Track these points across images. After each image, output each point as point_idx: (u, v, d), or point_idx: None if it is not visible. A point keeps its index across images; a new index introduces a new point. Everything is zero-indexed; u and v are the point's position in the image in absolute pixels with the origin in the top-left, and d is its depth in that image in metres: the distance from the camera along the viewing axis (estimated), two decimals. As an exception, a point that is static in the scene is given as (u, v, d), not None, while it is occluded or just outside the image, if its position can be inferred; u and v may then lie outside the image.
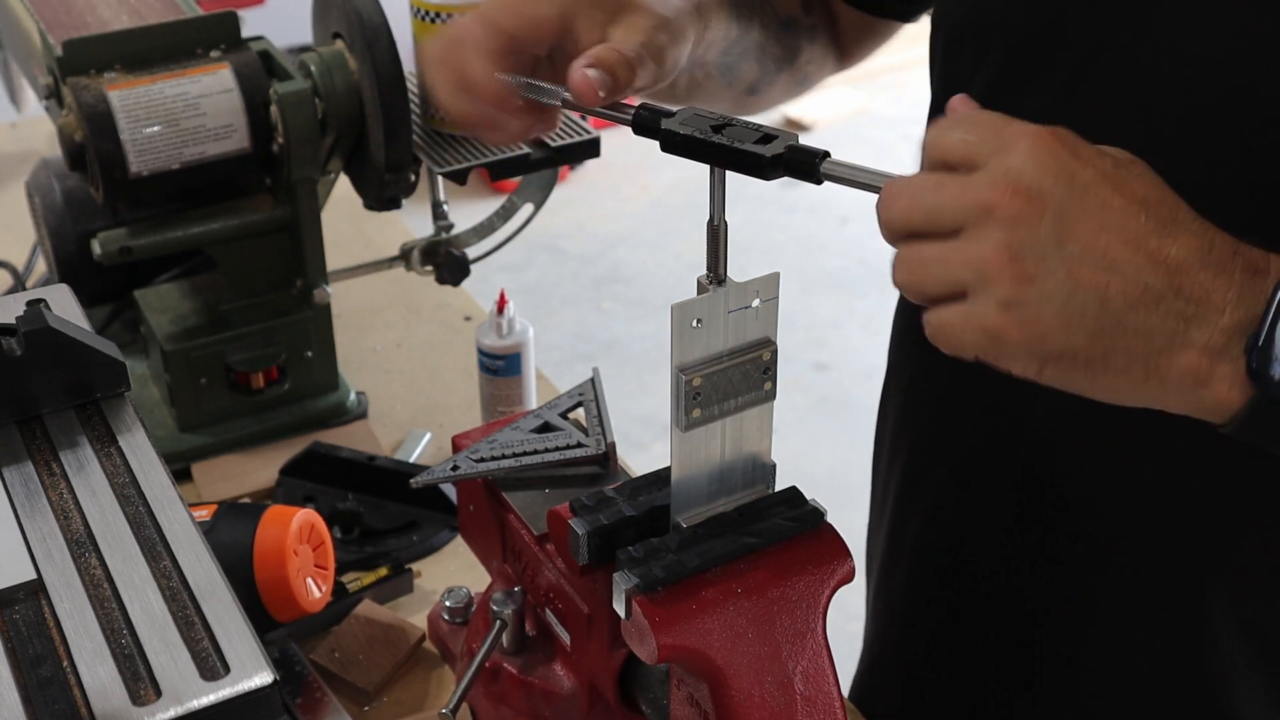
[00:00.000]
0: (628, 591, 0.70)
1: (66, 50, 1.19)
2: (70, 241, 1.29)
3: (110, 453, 0.77)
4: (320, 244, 1.31)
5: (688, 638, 0.69)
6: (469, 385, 1.44)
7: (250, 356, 1.32)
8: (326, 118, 1.24)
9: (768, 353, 0.72)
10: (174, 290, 1.36)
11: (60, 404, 0.80)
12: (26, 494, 0.74)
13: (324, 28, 1.30)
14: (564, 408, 0.91)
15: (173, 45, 1.23)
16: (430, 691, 1.09)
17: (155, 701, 0.61)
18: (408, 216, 1.61)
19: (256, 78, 1.22)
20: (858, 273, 3.62)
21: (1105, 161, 0.61)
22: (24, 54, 1.41)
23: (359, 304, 1.57)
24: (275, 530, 1.01)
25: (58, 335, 0.78)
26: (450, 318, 1.56)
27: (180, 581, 0.68)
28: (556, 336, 3.40)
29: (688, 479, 0.74)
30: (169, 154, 1.19)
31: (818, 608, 0.73)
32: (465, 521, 0.93)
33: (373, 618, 1.12)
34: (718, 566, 0.72)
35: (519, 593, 0.85)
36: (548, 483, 0.86)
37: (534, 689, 0.85)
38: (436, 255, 1.36)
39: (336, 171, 1.33)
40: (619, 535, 0.75)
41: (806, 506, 0.75)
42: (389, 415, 1.40)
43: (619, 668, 0.81)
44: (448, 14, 1.24)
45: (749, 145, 0.69)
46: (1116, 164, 0.61)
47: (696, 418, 0.71)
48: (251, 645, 0.64)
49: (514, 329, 1.35)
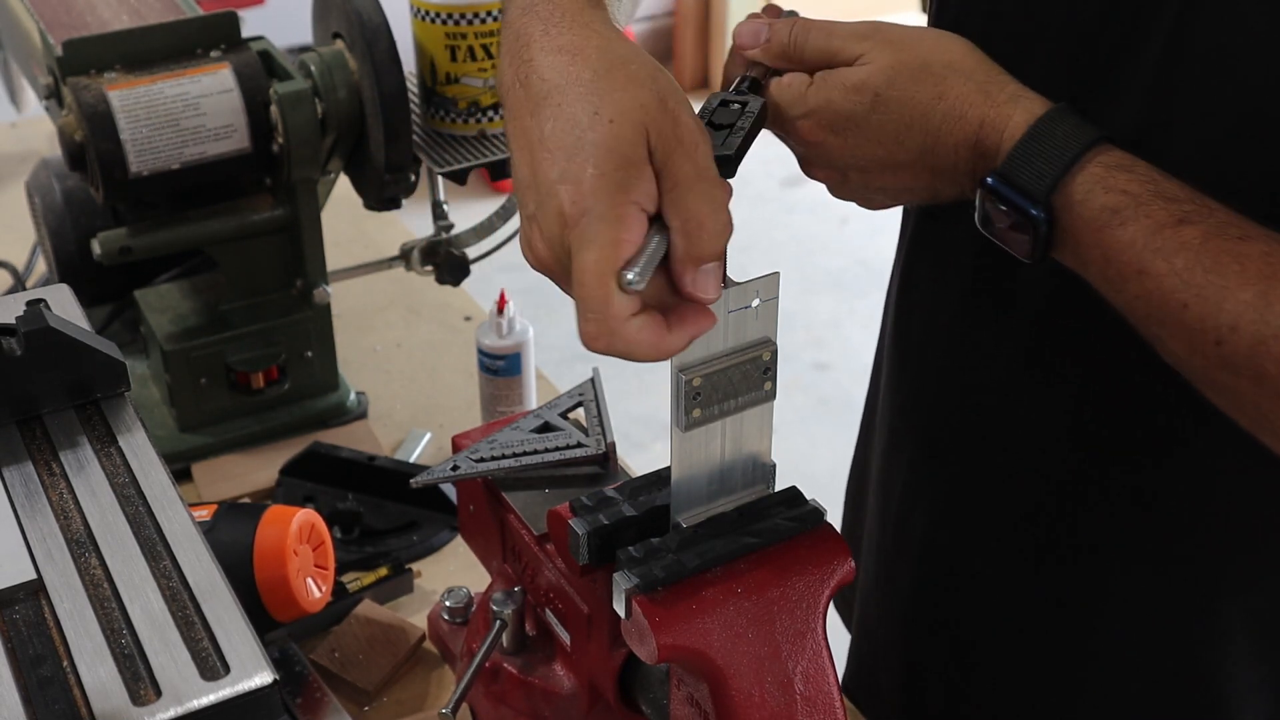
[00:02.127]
0: (628, 591, 0.70)
1: (66, 50, 1.19)
2: (70, 241, 1.29)
3: (110, 453, 0.77)
4: (320, 244, 1.31)
5: (688, 638, 0.69)
6: (469, 385, 1.44)
7: (250, 356, 1.32)
8: (326, 118, 1.24)
9: (768, 353, 0.72)
10: (174, 290, 1.36)
11: (60, 404, 0.80)
12: (26, 494, 0.74)
13: (324, 28, 1.30)
14: (564, 408, 0.91)
15: (173, 45, 1.23)
16: (430, 691, 1.09)
17: (155, 701, 0.61)
18: (408, 216, 1.61)
19: (256, 78, 1.22)
20: (858, 273, 3.62)
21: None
22: (24, 54, 1.41)
23: (359, 304, 1.57)
24: (275, 530, 1.01)
25: (58, 335, 0.78)
26: (450, 318, 1.56)
27: (180, 581, 0.68)
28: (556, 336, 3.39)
29: (688, 479, 0.74)
30: (169, 154, 1.19)
31: (818, 608, 0.73)
32: (465, 521, 0.93)
33: (373, 618, 1.12)
34: (718, 566, 0.72)
35: (519, 593, 0.85)
36: (548, 483, 0.86)
37: (534, 689, 0.85)
38: (436, 255, 1.36)
39: (336, 171, 1.33)
40: (619, 535, 0.75)
41: (806, 506, 0.75)
42: (389, 415, 1.40)
43: (619, 668, 0.81)
44: (447, 14, 1.24)
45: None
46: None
47: (696, 418, 0.71)
48: (251, 645, 0.64)
49: (514, 329, 1.35)
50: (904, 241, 1.02)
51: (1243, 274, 0.67)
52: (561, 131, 0.65)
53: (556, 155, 0.64)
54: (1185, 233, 0.69)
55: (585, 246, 0.63)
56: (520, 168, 0.67)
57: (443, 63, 1.26)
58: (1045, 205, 0.73)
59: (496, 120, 1.29)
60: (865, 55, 0.78)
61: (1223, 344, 0.67)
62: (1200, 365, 0.70)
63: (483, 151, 1.27)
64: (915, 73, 0.77)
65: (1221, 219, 0.69)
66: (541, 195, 0.65)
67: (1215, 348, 0.68)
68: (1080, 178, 0.72)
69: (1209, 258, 0.68)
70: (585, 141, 0.64)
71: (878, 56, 0.78)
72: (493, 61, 1.27)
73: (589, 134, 0.64)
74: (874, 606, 1.12)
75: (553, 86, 0.67)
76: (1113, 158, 0.73)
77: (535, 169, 0.65)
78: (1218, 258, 0.68)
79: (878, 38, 0.79)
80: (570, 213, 0.63)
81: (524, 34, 0.70)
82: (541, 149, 0.65)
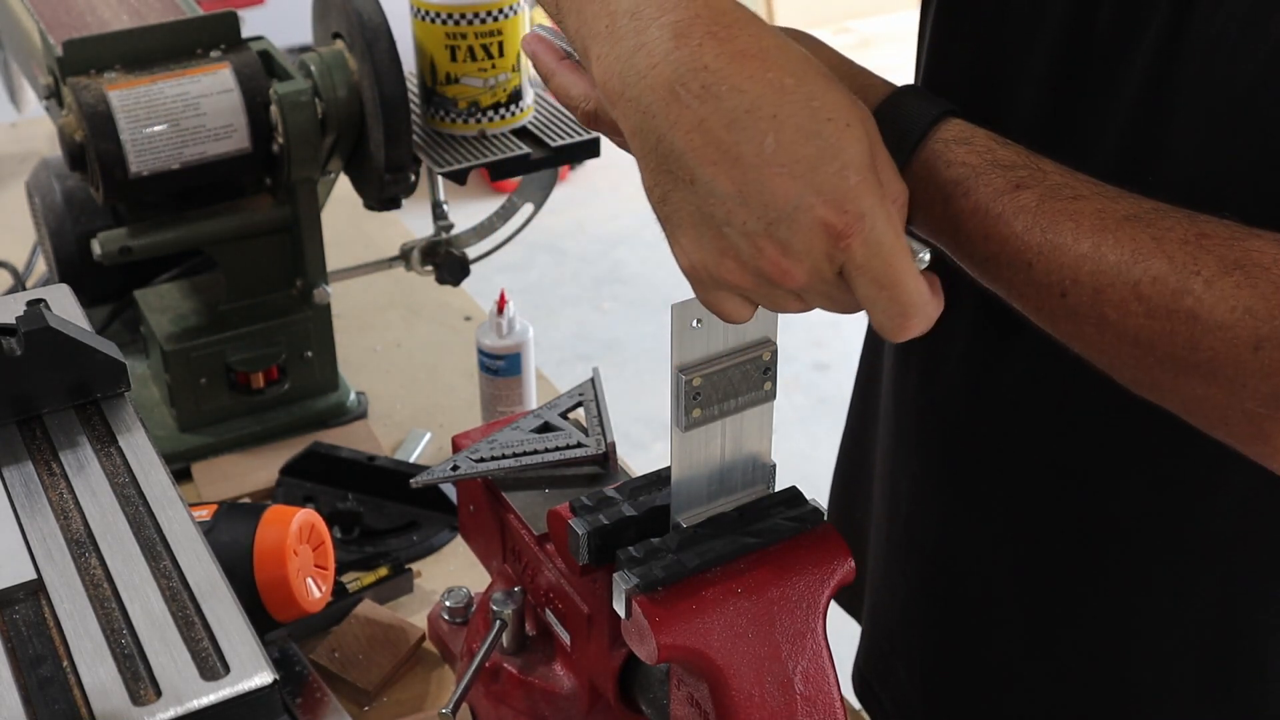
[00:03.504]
0: (628, 591, 0.70)
1: (67, 50, 1.19)
2: (70, 241, 1.29)
3: (110, 453, 0.77)
4: (320, 244, 1.31)
5: (688, 638, 0.69)
6: (469, 385, 1.44)
7: (250, 356, 1.32)
8: (326, 118, 1.24)
9: (768, 353, 0.72)
10: (174, 290, 1.36)
11: (60, 404, 0.80)
12: (26, 494, 0.74)
13: (324, 28, 1.30)
14: (564, 408, 0.91)
15: (173, 45, 1.23)
16: (430, 691, 1.09)
17: (155, 701, 0.61)
18: (408, 216, 1.61)
19: (256, 78, 1.22)
20: (858, 273, 3.62)
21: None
22: (24, 54, 1.41)
23: (359, 304, 1.57)
24: (275, 530, 1.01)
25: (58, 335, 0.78)
26: (450, 318, 1.56)
27: (180, 581, 0.68)
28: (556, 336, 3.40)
29: (688, 479, 0.74)
30: (169, 154, 1.19)
31: (818, 608, 0.73)
32: (465, 521, 0.93)
33: (373, 618, 1.12)
34: (718, 566, 0.72)
35: (519, 593, 0.85)
36: (548, 483, 0.86)
37: (534, 689, 0.85)
38: (436, 255, 1.36)
39: (336, 171, 1.33)
40: (619, 535, 0.75)
41: (806, 506, 0.75)
42: (389, 415, 1.40)
43: (619, 668, 0.81)
44: (447, 14, 1.24)
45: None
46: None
47: (696, 418, 0.71)
48: (251, 645, 0.64)
49: (514, 329, 1.35)
50: None
51: (1077, 230, 0.70)
52: (794, 144, 0.63)
53: (796, 169, 0.63)
54: (1022, 197, 0.72)
55: (881, 250, 0.64)
56: (718, 182, 0.64)
57: (443, 63, 1.26)
58: None
59: (496, 120, 1.29)
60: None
61: (1066, 295, 0.71)
62: (1049, 316, 0.73)
63: (483, 151, 1.27)
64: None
65: (1055, 180, 0.72)
66: (782, 213, 0.64)
67: (1060, 300, 0.71)
68: (923, 155, 0.75)
69: (1045, 218, 0.71)
70: (829, 150, 0.63)
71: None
72: (493, 61, 1.27)
73: (831, 142, 0.63)
74: (885, 595, 1.12)
75: (756, 98, 0.64)
76: (951, 131, 0.75)
77: (760, 186, 0.64)
78: (1054, 218, 0.71)
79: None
80: (841, 223, 0.63)
81: (684, 27, 0.66)
82: (769, 166, 0.64)
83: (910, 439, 1.04)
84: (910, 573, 1.07)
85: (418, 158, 1.27)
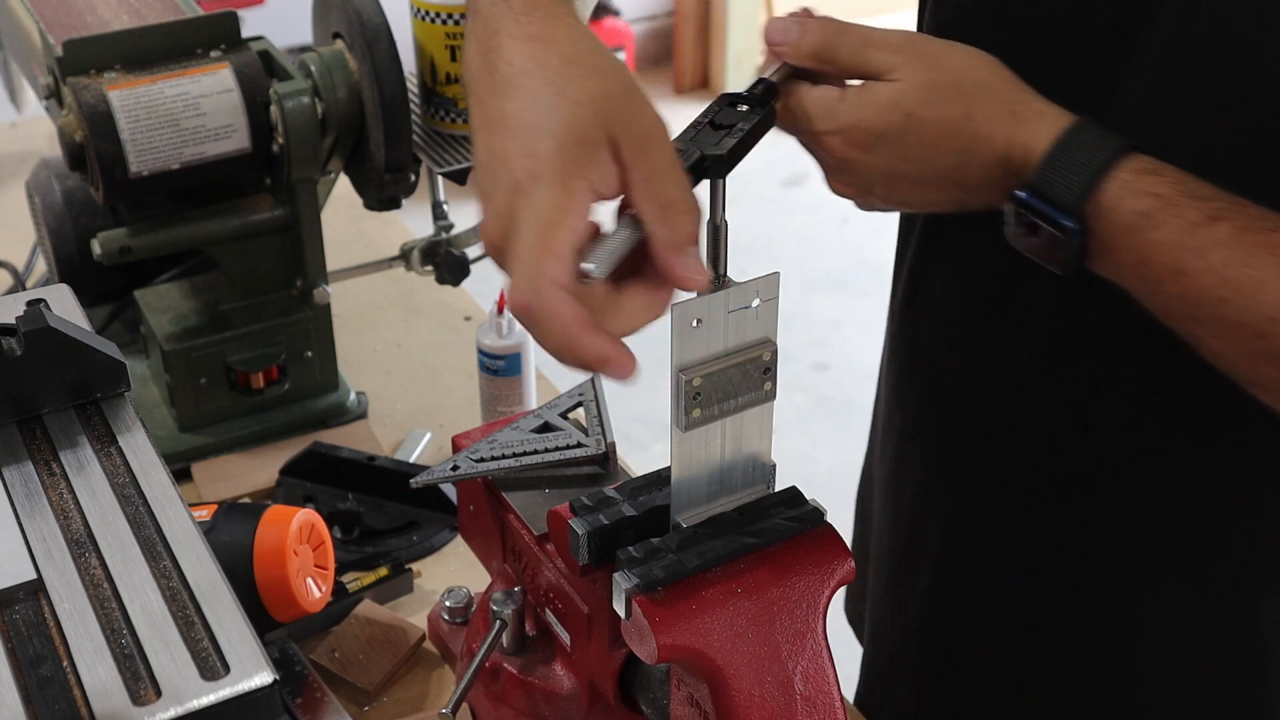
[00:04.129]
0: (628, 591, 0.70)
1: (66, 50, 1.19)
2: (70, 241, 1.29)
3: (110, 453, 0.77)
4: (320, 244, 1.31)
5: (688, 638, 0.69)
6: (469, 385, 1.44)
7: (250, 356, 1.32)
8: (326, 118, 1.24)
9: (768, 353, 0.72)
10: (174, 290, 1.36)
11: (60, 404, 0.80)
12: (26, 494, 0.74)
13: (324, 28, 1.30)
14: (564, 408, 0.91)
15: (173, 45, 1.23)
16: (430, 691, 1.09)
17: (155, 701, 0.61)
18: (408, 216, 1.61)
19: (256, 78, 1.22)
20: (858, 273, 3.62)
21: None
22: (24, 54, 1.41)
23: (359, 304, 1.57)
24: (275, 530, 1.01)
25: (58, 335, 0.78)
26: (450, 318, 1.56)
27: (180, 581, 0.68)
28: (556, 336, 3.39)
29: (688, 479, 0.74)
30: (169, 154, 1.19)
31: (818, 608, 0.73)
32: (465, 521, 0.93)
33: (373, 618, 1.12)
34: (718, 566, 0.72)
35: (519, 593, 0.85)
36: (548, 483, 0.86)
37: (534, 689, 0.85)
38: (436, 255, 1.36)
39: (336, 171, 1.33)
40: (619, 535, 0.75)
41: (806, 506, 0.75)
42: (389, 415, 1.40)
43: (619, 668, 0.81)
44: (447, 14, 1.24)
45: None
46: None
47: (696, 418, 0.71)
48: (251, 645, 0.64)
49: (514, 329, 1.35)
50: (908, 242, 1.02)
51: (1278, 266, 0.67)
52: (523, 110, 0.65)
53: (516, 133, 0.65)
54: (1218, 229, 0.69)
55: (529, 207, 0.64)
56: (479, 150, 0.67)
57: (443, 63, 1.26)
58: (1078, 215, 0.73)
59: (496, 120, 1.29)
60: (897, 70, 0.77)
61: (1264, 336, 0.68)
62: (1243, 360, 0.70)
63: (483, 151, 1.27)
64: (948, 93, 0.77)
65: (1252, 214, 0.70)
66: (495, 170, 0.65)
67: (1256, 340, 0.68)
68: (1110, 185, 0.73)
69: (1243, 252, 0.68)
70: (547, 119, 0.65)
71: (911, 73, 0.77)
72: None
73: (551, 113, 0.65)
74: (885, 614, 1.11)
75: (518, 70, 0.67)
76: (1140, 163, 0.73)
77: (492, 147, 0.66)
78: (1253, 251, 0.68)
79: (911, 51, 0.78)
80: (523, 181, 0.64)
81: (493, 22, 0.71)
82: (501, 128, 0.66)
83: (915, 450, 1.04)
84: (912, 587, 1.07)
85: (418, 158, 1.27)
